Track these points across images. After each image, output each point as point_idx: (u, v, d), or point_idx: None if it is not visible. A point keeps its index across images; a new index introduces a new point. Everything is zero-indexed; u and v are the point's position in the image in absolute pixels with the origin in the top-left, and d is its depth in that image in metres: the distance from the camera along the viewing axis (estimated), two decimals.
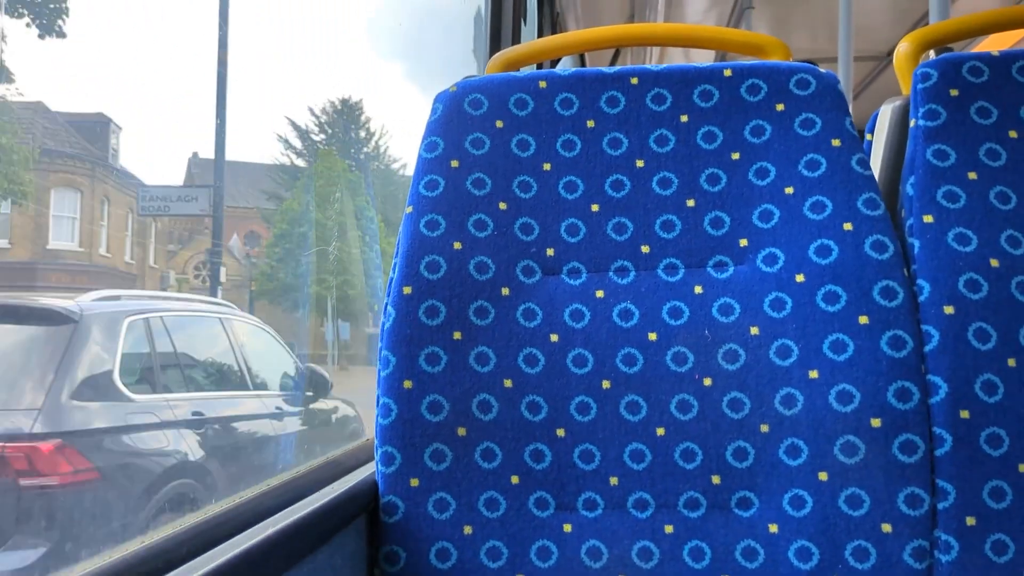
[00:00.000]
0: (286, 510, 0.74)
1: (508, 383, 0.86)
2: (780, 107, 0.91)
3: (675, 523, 0.84)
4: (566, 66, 2.34)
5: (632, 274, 0.89)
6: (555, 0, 3.15)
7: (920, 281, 0.86)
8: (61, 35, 8.12)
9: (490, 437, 0.85)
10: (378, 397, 0.87)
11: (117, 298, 3.61)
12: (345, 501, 0.80)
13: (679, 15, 3.56)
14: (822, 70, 0.93)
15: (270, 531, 0.66)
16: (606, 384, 0.86)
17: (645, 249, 0.90)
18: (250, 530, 0.68)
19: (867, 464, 0.81)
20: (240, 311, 4.64)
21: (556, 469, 0.85)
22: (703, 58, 3.71)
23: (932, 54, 1.11)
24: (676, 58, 3.96)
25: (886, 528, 0.80)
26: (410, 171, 0.94)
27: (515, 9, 2.14)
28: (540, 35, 2.79)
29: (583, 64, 3.47)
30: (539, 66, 1.89)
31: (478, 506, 0.84)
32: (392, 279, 0.89)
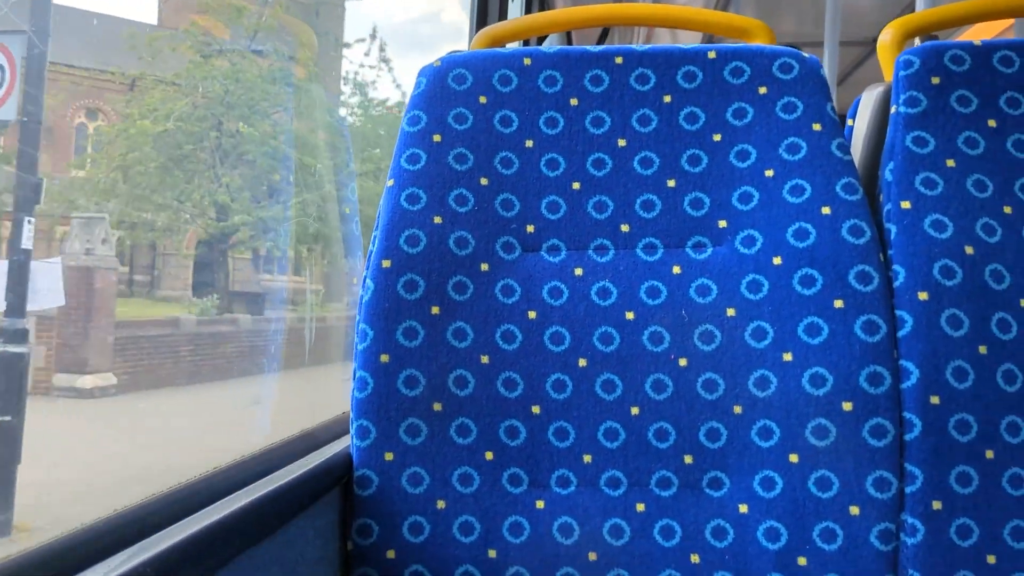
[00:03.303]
0: (260, 481, 0.74)
1: (485, 359, 0.86)
2: (763, 90, 0.91)
3: (647, 502, 0.84)
4: (552, 44, 2.33)
5: (611, 253, 0.90)
6: None
7: (895, 267, 0.86)
8: None
9: (465, 413, 0.86)
10: (354, 370, 0.87)
11: None
12: (319, 474, 0.80)
13: None
14: (805, 55, 0.93)
15: (243, 501, 0.66)
16: (582, 362, 0.86)
17: (625, 228, 0.90)
18: (223, 500, 0.68)
19: (837, 447, 0.82)
20: None
21: (530, 446, 0.86)
22: (690, 39, 3.70)
23: (917, 42, 1.11)
24: (663, 39, 3.95)
25: (854, 510, 0.81)
26: None
27: None
28: (527, 12, 2.77)
29: (569, 43, 3.45)
30: (525, 43, 1.88)
31: (452, 481, 0.85)
32: (372, 251, 0.89)
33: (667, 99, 0.93)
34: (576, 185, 0.92)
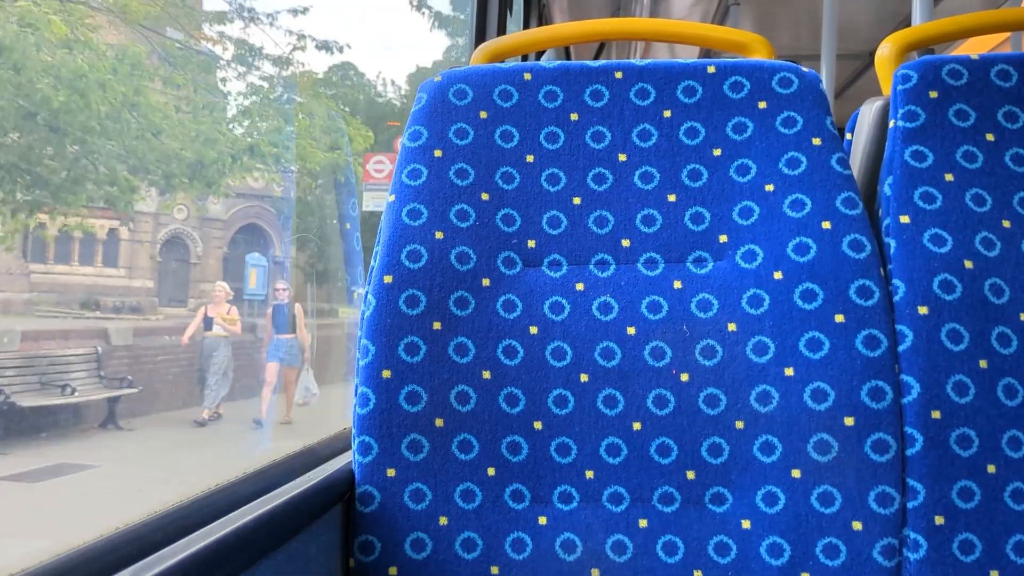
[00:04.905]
0: (262, 498, 0.74)
1: (487, 374, 0.86)
2: (762, 105, 0.92)
3: (649, 517, 0.84)
4: (550, 59, 2.34)
5: (612, 267, 0.90)
6: None
7: (895, 281, 0.87)
8: None
9: (467, 428, 0.85)
10: (356, 386, 0.87)
11: None
12: (321, 490, 0.80)
13: (665, 10, 3.56)
14: (805, 69, 0.94)
15: (246, 519, 0.66)
16: (584, 377, 0.86)
17: (626, 243, 0.90)
18: (225, 518, 0.67)
19: (839, 462, 0.82)
20: None
21: (532, 462, 0.86)
22: (687, 54, 3.72)
23: (916, 55, 1.12)
24: (661, 53, 3.97)
25: (856, 526, 0.81)
26: None
27: (501, 0, 2.13)
28: (526, 27, 2.79)
29: (568, 57, 3.47)
30: (524, 58, 1.89)
31: (454, 497, 0.85)
32: (373, 267, 0.89)
33: (667, 114, 0.93)
34: (577, 200, 0.92)
